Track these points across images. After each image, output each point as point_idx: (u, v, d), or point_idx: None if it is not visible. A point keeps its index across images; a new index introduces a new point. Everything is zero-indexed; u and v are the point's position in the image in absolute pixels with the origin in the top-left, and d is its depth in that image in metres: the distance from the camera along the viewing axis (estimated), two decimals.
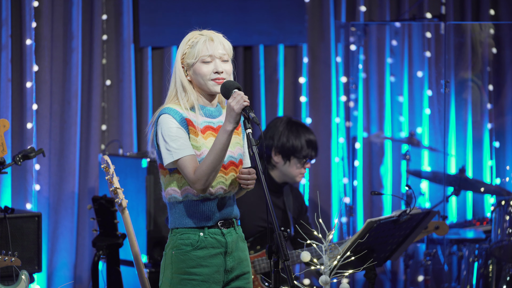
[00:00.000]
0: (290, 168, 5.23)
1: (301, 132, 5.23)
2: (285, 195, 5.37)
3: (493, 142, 7.11)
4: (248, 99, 3.50)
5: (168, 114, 3.62)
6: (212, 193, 3.63)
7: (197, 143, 3.61)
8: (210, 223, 3.66)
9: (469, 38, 7.01)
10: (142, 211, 5.71)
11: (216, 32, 3.71)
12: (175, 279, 3.66)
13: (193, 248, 3.64)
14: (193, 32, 3.71)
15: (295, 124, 5.27)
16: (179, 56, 3.68)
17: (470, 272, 5.84)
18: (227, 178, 3.66)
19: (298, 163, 5.22)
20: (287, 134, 5.21)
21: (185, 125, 3.62)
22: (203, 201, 3.64)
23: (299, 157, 5.21)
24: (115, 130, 6.31)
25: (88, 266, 6.09)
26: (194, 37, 3.68)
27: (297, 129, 5.24)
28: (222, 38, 3.69)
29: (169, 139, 3.59)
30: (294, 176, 5.26)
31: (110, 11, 6.27)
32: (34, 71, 5.95)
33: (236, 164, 3.69)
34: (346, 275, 3.51)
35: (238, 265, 3.73)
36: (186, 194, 3.64)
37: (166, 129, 3.60)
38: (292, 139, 5.20)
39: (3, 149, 4.54)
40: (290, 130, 5.23)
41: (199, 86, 3.68)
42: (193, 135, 3.62)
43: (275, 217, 3.31)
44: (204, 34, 3.67)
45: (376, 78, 7.01)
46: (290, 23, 6.79)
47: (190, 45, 3.66)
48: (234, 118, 3.51)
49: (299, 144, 5.20)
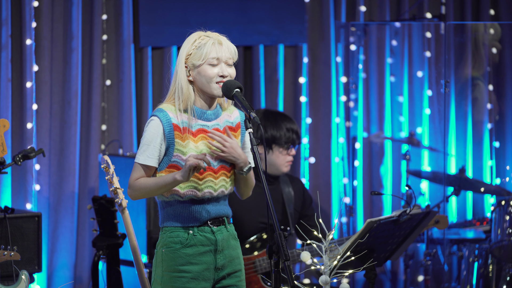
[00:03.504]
0: (275, 157, 5.22)
1: (279, 120, 5.21)
2: (283, 187, 5.34)
3: (493, 142, 7.11)
4: (198, 161, 3.55)
5: (157, 117, 3.66)
6: (198, 196, 3.66)
7: (183, 148, 3.64)
8: (198, 223, 3.68)
9: (469, 38, 7.01)
10: (142, 211, 5.72)
11: (221, 35, 3.71)
12: (165, 276, 3.69)
13: (183, 246, 3.67)
14: (198, 32, 3.71)
15: (272, 114, 5.26)
16: (183, 55, 3.68)
17: (470, 272, 5.84)
18: (217, 183, 3.69)
19: (281, 151, 5.21)
20: (264, 125, 5.20)
21: (171, 129, 3.64)
22: (190, 202, 3.67)
23: (281, 143, 5.19)
24: (115, 130, 6.31)
25: (88, 266, 6.09)
26: (200, 37, 3.67)
27: (275, 117, 5.22)
28: (229, 42, 3.70)
29: (143, 141, 3.67)
30: (279, 165, 5.23)
31: (110, 11, 6.27)
32: (34, 71, 5.95)
33: (228, 169, 3.72)
34: (346, 275, 3.51)
35: (229, 263, 3.75)
36: (172, 195, 3.68)
37: (146, 132, 3.68)
38: (269, 129, 5.19)
39: (3, 149, 4.54)
40: (268, 120, 5.22)
41: (201, 87, 3.68)
42: (179, 140, 3.65)
43: (276, 217, 3.31)
44: (211, 36, 3.67)
45: (376, 78, 7.01)
46: (290, 23, 6.79)
47: (196, 46, 3.66)
48: (184, 174, 3.56)
49: (277, 133, 5.19)
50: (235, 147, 3.69)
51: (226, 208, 3.76)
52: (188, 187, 3.65)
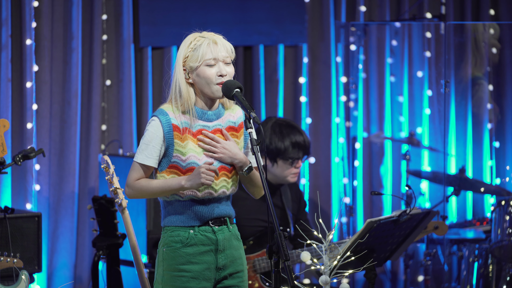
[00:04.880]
0: (279, 170, 5.20)
1: (285, 134, 5.18)
2: (283, 193, 5.35)
3: (493, 142, 7.11)
4: (213, 179, 3.57)
5: (157, 118, 3.66)
6: (198, 196, 3.66)
7: (182, 148, 3.64)
8: (198, 223, 3.68)
9: (469, 38, 7.01)
10: (142, 211, 5.72)
11: (216, 34, 3.70)
12: (166, 276, 3.69)
13: (183, 245, 3.67)
14: (194, 34, 3.70)
15: (281, 125, 5.21)
16: (180, 58, 3.67)
17: (470, 272, 5.84)
18: (217, 183, 3.68)
19: (286, 164, 5.19)
20: (270, 136, 5.17)
21: (170, 130, 3.64)
22: (190, 202, 3.67)
23: (285, 158, 5.17)
24: (115, 130, 6.32)
25: (88, 266, 6.09)
26: (195, 39, 3.66)
27: (281, 130, 5.18)
28: (224, 41, 3.68)
29: (142, 141, 3.67)
30: (284, 177, 5.22)
31: (110, 11, 6.27)
32: (34, 71, 5.95)
33: (229, 169, 3.71)
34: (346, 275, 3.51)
35: (231, 263, 3.74)
36: (173, 195, 3.68)
37: (146, 132, 3.67)
38: (275, 141, 5.16)
39: (3, 149, 4.54)
40: (274, 132, 5.19)
41: (202, 89, 3.67)
42: (179, 141, 3.65)
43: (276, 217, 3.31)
44: (206, 37, 3.66)
45: (376, 78, 7.01)
46: (290, 23, 6.79)
47: (192, 48, 3.65)
48: (194, 184, 3.57)
49: (282, 146, 5.16)
50: (229, 147, 3.67)
51: (228, 208, 3.75)
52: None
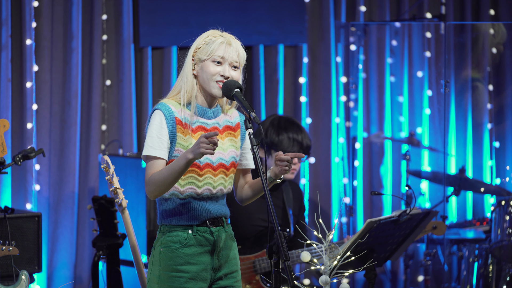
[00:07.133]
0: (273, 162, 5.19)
1: (283, 128, 5.19)
2: (285, 192, 5.35)
3: (493, 142, 7.11)
4: (214, 148, 3.47)
5: (160, 110, 3.67)
6: (198, 193, 3.66)
7: (185, 142, 3.64)
8: (197, 222, 3.68)
9: (469, 38, 7.01)
10: (142, 211, 5.72)
11: (236, 38, 3.71)
12: (163, 276, 3.68)
13: (182, 245, 3.67)
14: (214, 30, 3.72)
15: (279, 120, 5.23)
16: (192, 48, 3.70)
17: (470, 272, 5.84)
18: (216, 180, 3.68)
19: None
20: (267, 129, 5.19)
21: (173, 123, 3.64)
22: (189, 200, 3.66)
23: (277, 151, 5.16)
24: (115, 130, 6.32)
25: (88, 266, 6.09)
26: (213, 35, 3.69)
27: (279, 125, 5.20)
28: (239, 46, 3.70)
29: (149, 135, 3.65)
30: None
31: (110, 11, 6.27)
32: (34, 71, 5.95)
33: (227, 167, 3.71)
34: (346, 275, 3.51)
35: (225, 264, 3.75)
36: (172, 192, 3.66)
37: (151, 125, 3.67)
38: (271, 134, 5.18)
39: (3, 149, 4.54)
40: (272, 125, 5.20)
41: (202, 84, 3.69)
42: (181, 134, 3.65)
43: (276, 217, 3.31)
44: (224, 36, 3.69)
45: (376, 78, 7.01)
46: (290, 23, 6.79)
47: (206, 42, 3.68)
48: (196, 154, 3.48)
49: (277, 139, 5.16)
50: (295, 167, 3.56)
51: (224, 208, 3.76)
52: (188, 183, 3.65)
